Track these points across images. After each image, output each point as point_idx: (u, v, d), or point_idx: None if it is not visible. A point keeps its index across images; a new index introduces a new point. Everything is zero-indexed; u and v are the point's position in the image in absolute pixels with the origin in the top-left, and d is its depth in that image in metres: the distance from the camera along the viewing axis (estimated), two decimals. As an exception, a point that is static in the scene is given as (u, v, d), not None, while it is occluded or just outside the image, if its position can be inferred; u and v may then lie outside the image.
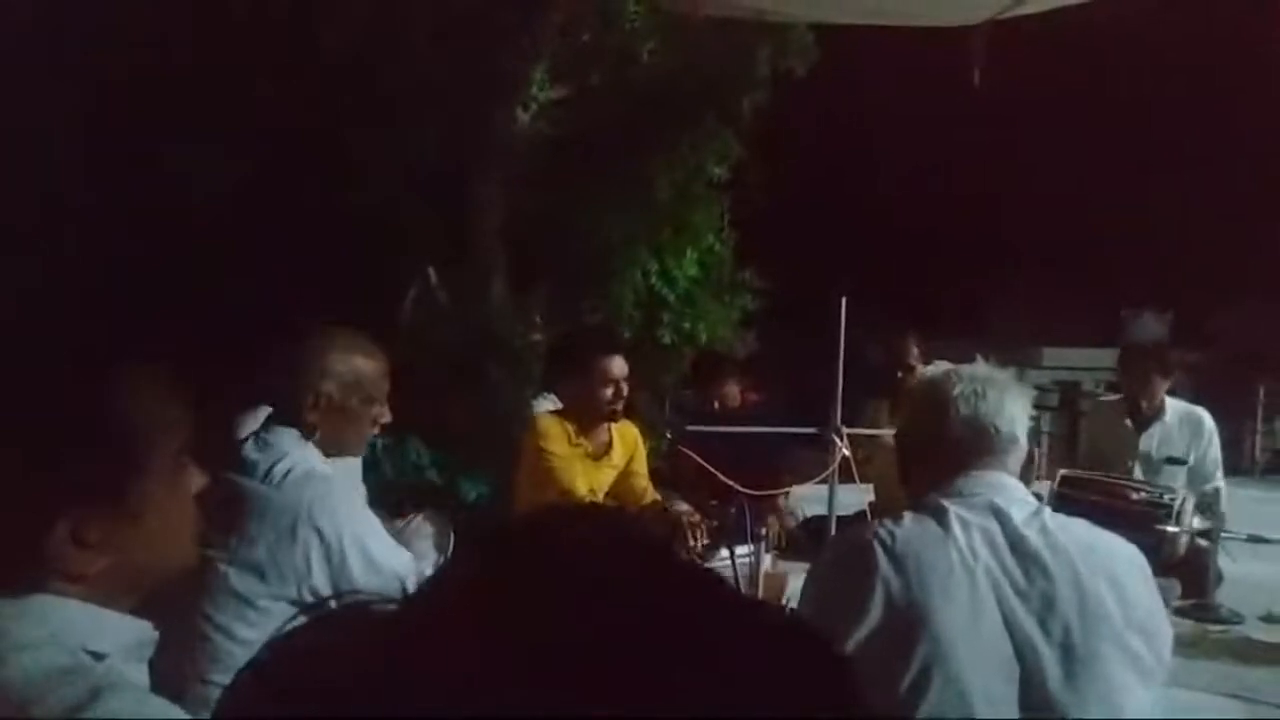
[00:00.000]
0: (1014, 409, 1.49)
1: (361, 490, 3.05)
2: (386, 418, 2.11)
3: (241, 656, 1.82)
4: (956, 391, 1.47)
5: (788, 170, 6.21)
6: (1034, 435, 1.59)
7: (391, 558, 1.94)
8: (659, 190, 5.46)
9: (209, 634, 1.85)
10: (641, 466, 3.68)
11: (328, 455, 2.06)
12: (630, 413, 3.69)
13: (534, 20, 4.90)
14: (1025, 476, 1.55)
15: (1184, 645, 3.00)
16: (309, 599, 1.84)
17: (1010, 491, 1.44)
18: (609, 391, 3.40)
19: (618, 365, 3.42)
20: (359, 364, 2.05)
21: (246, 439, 2.01)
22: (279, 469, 1.93)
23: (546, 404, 3.85)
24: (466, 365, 5.19)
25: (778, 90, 5.59)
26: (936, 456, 1.48)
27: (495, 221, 5.26)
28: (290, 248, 4.39)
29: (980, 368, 1.54)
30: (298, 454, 1.96)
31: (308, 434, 2.00)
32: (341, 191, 4.59)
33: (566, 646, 0.38)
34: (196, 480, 1.17)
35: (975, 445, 1.46)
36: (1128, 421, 4.09)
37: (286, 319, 2.27)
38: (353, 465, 3.21)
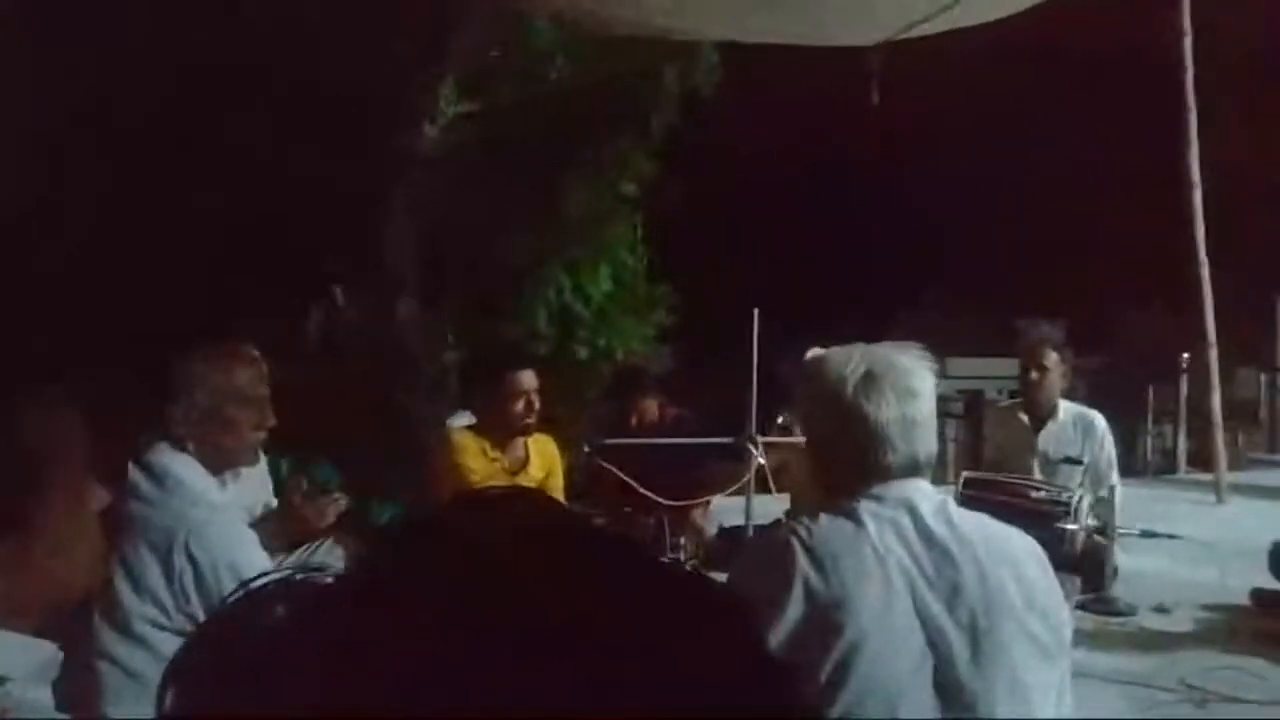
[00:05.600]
0: (930, 423, 1.47)
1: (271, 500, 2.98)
2: (270, 422, 2.08)
3: (126, 684, 1.77)
4: (856, 416, 1.43)
5: (698, 186, 6.30)
6: (940, 440, 1.57)
7: None
8: (570, 207, 5.49)
9: (94, 662, 1.80)
10: (558, 481, 3.69)
11: (218, 470, 2.02)
12: (550, 427, 3.70)
13: (443, 36, 4.90)
14: (936, 480, 1.57)
15: (1085, 637, 3.13)
16: (189, 627, 1.81)
17: (917, 487, 1.48)
18: (520, 405, 3.42)
19: (527, 378, 3.45)
20: (229, 369, 2.01)
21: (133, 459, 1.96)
22: (161, 490, 1.88)
23: (462, 420, 3.84)
24: (375, 384, 5.11)
25: (687, 108, 5.68)
26: (852, 474, 1.48)
27: (404, 238, 5.21)
28: (190, 265, 4.28)
29: (899, 373, 1.47)
30: (179, 472, 1.92)
31: (180, 446, 1.95)
32: (242, 207, 4.49)
33: (501, 617, 0.38)
34: (100, 498, 1.13)
35: (883, 472, 1.46)
36: (1024, 419, 4.27)
37: (181, 337, 2.22)
38: (259, 474, 3.13)
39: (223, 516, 1.94)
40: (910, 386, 1.47)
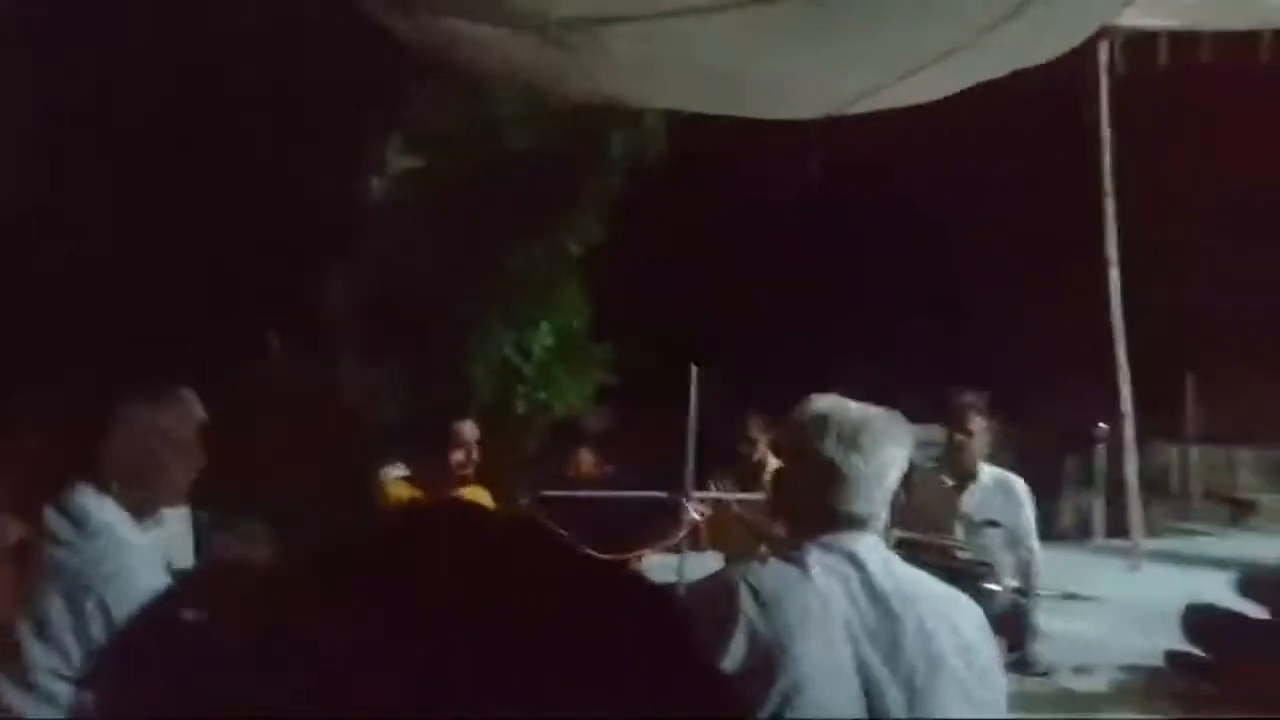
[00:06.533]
0: (876, 482, 1.53)
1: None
2: (200, 462, 2.07)
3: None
4: (823, 462, 1.51)
5: (644, 249, 6.40)
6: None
7: None
8: (516, 265, 5.54)
9: None
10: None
11: (141, 512, 1.99)
12: (486, 480, 3.70)
13: (399, 93, 4.96)
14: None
15: (1007, 697, 3.20)
16: None
17: (867, 541, 1.54)
18: (460, 454, 3.44)
19: (467, 429, 3.49)
20: (159, 410, 2.01)
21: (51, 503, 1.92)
22: (81, 535, 1.85)
23: (396, 472, 3.82)
24: (310, 434, 5.04)
25: (633, 171, 5.81)
26: (800, 514, 1.55)
27: (345, 287, 5.19)
28: (130, 306, 4.21)
29: (852, 426, 1.54)
30: (101, 516, 1.89)
31: (103, 487, 1.93)
32: (187, 249, 4.45)
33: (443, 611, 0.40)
34: (12, 531, 1.11)
35: (834, 520, 1.52)
36: (948, 482, 4.37)
37: (115, 375, 2.20)
38: (182, 525, 3.06)
39: (142, 564, 1.90)
40: (869, 444, 1.53)
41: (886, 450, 1.55)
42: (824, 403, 1.59)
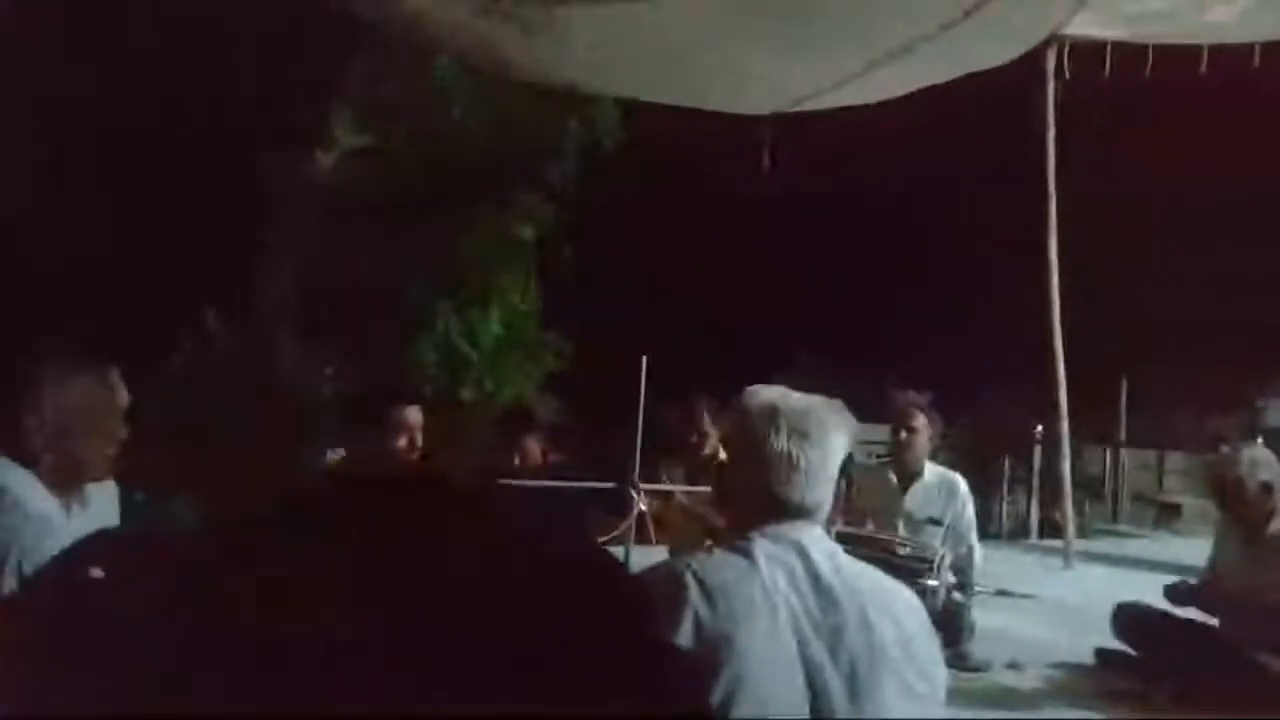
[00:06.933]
0: (823, 471, 1.54)
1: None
2: (122, 434, 2.04)
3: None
4: (769, 452, 1.52)
5: (596, 236, 6.37)
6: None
7: None
8: (463, 248, 5.48)
9: None
10: (437, 522, 3.63)
11: (64, 483, 1.97)
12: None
13: (343, 65, 4.86)
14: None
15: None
16: None
17: (812, 532, 1.55)
18: (404, 440, 3.37)
19: (412, 414, 3.41)
20: (81, 384, 2.00)
21: None
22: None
23: (334, 457, 3.75)
24: (246, 417, 4.93)
25: (589, 158, 5.77)
26: (747, 505, 1.55)
27: (288, 265, 5.09)
28: (64, 279, 4.08)
29: (799, 416, 1.55)
30: (16, 489, 1.88)
31: (30, 462, 1.91)
32: (125, 223, 4.33)
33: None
34: None
35: (783, 510, 1.53)
36: (893, 479, 4.43)
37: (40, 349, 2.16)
38: (110, 505, 2.99)
39: (56, 530, 1.87)
40: (816, 433, 1.55)
41: (831, 439, 1.57)
42: (769, 392, 1.61)
